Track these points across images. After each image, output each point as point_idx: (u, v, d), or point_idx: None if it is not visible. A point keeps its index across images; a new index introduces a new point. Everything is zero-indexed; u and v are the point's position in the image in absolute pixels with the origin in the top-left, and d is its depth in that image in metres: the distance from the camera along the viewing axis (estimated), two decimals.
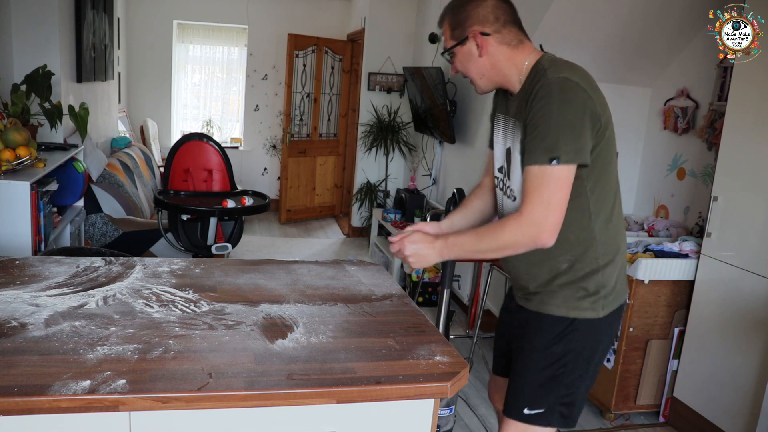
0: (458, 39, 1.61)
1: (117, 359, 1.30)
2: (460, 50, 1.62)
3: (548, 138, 1.44)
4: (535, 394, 1.66)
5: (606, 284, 1.60)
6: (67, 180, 3.50)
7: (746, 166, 2.67)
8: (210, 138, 4.15)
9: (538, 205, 1.45)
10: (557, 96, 1.45)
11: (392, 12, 5.92)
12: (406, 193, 5.26)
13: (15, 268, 1.81)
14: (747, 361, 2.63)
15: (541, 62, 1.56)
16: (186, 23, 6.94)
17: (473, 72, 1.64)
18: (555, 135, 1.44)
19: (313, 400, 1.26)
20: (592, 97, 1.49)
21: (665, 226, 3.40)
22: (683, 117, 3.49)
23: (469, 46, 1.60)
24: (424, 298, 4.55)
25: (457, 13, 1.60)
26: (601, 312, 1.61)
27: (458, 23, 1.60)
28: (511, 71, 1.60)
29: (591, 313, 1.60)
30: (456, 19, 1.61)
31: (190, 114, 7.33)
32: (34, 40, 3.68)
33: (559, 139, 1.44)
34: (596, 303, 1.60)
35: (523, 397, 1.67)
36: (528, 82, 1.56)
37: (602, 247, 1.59)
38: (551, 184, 1.45)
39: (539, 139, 1.46)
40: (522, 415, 1.68)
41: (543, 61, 1.57)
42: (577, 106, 1.46)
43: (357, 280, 1.93)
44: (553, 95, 1.45)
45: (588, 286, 1.59)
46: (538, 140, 1.46)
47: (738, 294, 2.68)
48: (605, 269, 1.60)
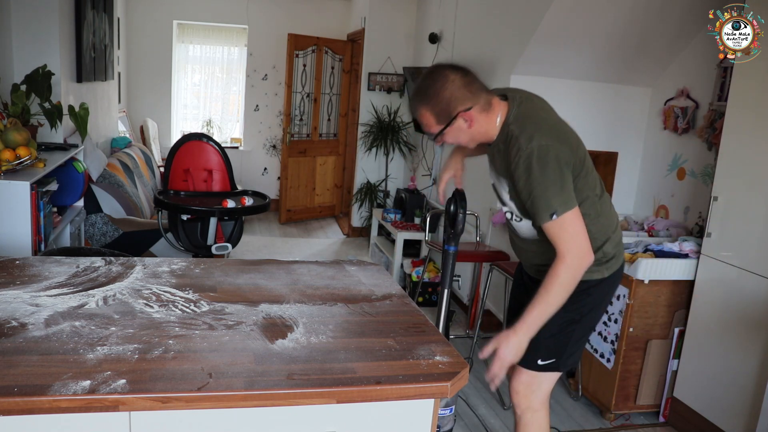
0: (446, 122, 1.81)
1: (117, 359, 1.30)
2: (450, 130, 1.83)
3: (542, 201, 1.75)
4: (550, 347, 1.99)
5: (606, 254, 1.96)
6: (67, 180, 3.50)
7: (746, 166, 2.67)
8: (210, 138, 4.15)
9: (566, 248, 1.77)
10: (536, 165, 1.73)
11: (392, 12, 5.92)
12: (406, 193, 5.26)
13: (15, 268, 1.81)
14: (747, 361, 2.63)
15: (510, 125, 1.82)
16: (186, 23, 6.94)
17: (464, 141, 1.88)
18: (546, 197, 1.74)
19: (313, 400, 1.26)
20: (561, 148, 1.76)
21: (665, 226, 3.40)
22: (683, 117, 3.49)
23: (458, 124, 1.82)
24: (424, 298, 4.55)
25: (435, 102, 1.79)
26: (606, 273, 1.97)
27: (441, 109, 1.79)
28: (491, 130, 1.86)
29: (597, 275, 1.95)
30: (438, 107, 1.79)
31: (190, 114, 7.33)
32: (34, 40, 3.68)
33: (550, 198, 1.74)
34: (601, 267, 1.95)
35: (538, 350, 1.97)
36: (502, 142, 1.85)
37: (598, 234, 1.92)
38: (564, 229, 1.77)
39: (537, 205, 1.77)
40: (536, 365, 2.01)
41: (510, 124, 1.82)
42: (554, 166, 1.74)
43: (357, 280, 1.93)
44: (533, 166, 1.73)
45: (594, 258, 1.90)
46: (537, 206, 1.77)
47: (738, 294, 2.68)
48: (604, 246, 1.95)
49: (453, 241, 2.18)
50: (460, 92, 1.78)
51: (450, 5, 5.02)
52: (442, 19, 5.22)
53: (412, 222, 5.09)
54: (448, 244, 2.19)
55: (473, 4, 4.63)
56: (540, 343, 1.93)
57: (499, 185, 1.98)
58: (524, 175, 1.76)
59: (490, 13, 4.33)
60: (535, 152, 1.73)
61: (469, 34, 4.69)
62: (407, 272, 4.77)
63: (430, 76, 1.80)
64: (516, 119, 1.82)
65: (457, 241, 2.19)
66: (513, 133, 1.79)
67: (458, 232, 2.16)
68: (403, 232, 4.86)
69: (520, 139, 1.76)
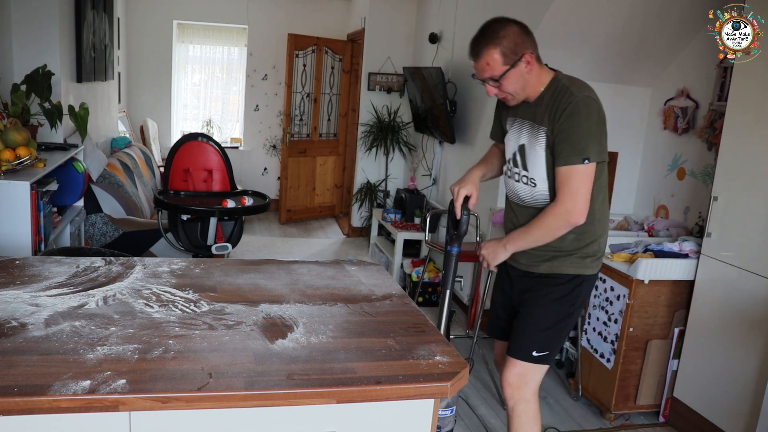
0: (512, 62, 1.90)
1: (117, 359, 1.30)
2: (513, 72, 1.92)
3: (579, 144, 1.86)
4: (545, 339, 2.07)
5: (599, 249, 2.07)
6: (67, 180, 3.50)
7: (746, 166, 2.67)
8: (210, 138, 4.14)
9: (567, 196, 1.89)
10: (584, 111, 1.86)
11: (392, 12, 5.92)
12: (406, 193, 5.26)
13: (15, 268, 1.81)
14: (747, 361, 2.63)
15: (561, 80, 1.95)
16: (186, 23, 6.94)
17: (519, 88, 1.95)
18: (585, 141, 1.86)
19: (313, 400, 1.26)
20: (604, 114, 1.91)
21: (665, 226, 3.40)
22: (683, 117, 3.49)
23: (521, 67, 1.91)
24: (424, 298, 4.55)
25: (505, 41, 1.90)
26: (595, 269, 2.08)
27: (509, 49, 1.90)
28: (539, 84, 1.97)
29: (590, 271, 2.06)
30: (506, 46, 1.90)
31: (190, 114, 7.33)
32: (34, 40, 3.68)
33: (588, 144, 1.86)
34: (593, 263, 2.06)
35: (534, 342, 2.06)
36: (548, 95, 1.94)
37: (599, 224, 2.04)
38: (578, 179, 1.88)
39: (572, 146, 1.86)
40: (531, 356, 2.08)
41: (561, 78, 1.96)
42: (598, 119, 1.88)
43: (357, 280, 1.93)
44: (581, 111, 1.86)
45: (589, 251, 2.04)
46: (571, 147, 1.86)
47: (738, 294, 2.68)
48: (600, 239, 2.06)
49: (456, 242, 2.17)
50: (524, 37, 1.92)
51: (450, 5, 5.02)
52: (442, 19, 5.22)
53: (412, 222, 5.09)
54: (450, 245, 2.18)
55: (473, 4, 4.63)
56: (535, 335, 2.06)
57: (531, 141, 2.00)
58: (570, 118, 1.86)
59: (490, 13, 4.30)
60: (584, 101, 1.87)
61: (469, 34, 4.65)
62: (407, 272, 4.77)
63: (495, 23, 1.94)
64: (567, 78, 1.96)
65: (460, 242, 2.19)
66: (564, 85, 1.92)
67: (462, 233, 2.15)
68: (403, 232, 4.86)
69: (571, 89, 1.89)
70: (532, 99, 1.99)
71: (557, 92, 1.92)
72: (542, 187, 2.00)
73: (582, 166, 1.87)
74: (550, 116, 1.92)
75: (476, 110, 4.49)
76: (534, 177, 2.02)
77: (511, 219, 2.18)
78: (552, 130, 1.92)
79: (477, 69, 1.97)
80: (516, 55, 1.90)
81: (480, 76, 1.98)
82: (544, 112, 1.94)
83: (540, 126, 1.96)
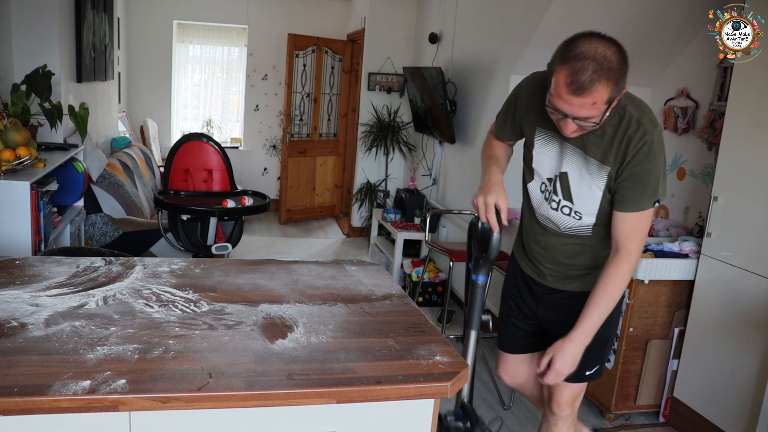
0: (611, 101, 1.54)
1: (117, 359, 1.30)
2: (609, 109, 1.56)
3: (652, 188, 1.66)
4: (594, 356, 1.88)
5: None
6: (67, 180, 3.50)
7: (746, 166, 2.67)
8: (210, 138, 4.14)
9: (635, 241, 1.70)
10: (658, 150, 1.64)
11: (392, 12, 5.92)
12: (406, 193, 5.26)
13: (15, 268, 1.81)
14: (747, 361, 2.63)
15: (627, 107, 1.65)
16: (186, 23, 6.94)
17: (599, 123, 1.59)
18: (656, 183, 1.66)
19: (313, 400, 1.26)
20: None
21: (665, 226, 3.40)
22: (683, 117, 3.49)
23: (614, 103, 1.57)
24: (424, 298, 4.55)
25: (618, 73, 1.51)
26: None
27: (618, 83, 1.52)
28: None
29: None
30: (618, 79, 1.52)
31: (190, 114, 7.33)
32: (34, 40, 3.68)
33: (659, 185, 1.67)
34: None
35: (584, 362, 1.82)
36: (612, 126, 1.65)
37: None
38: (646, 223, 1.71)
39: (646, 190, 1.66)
40: (584, 377, 1.93)
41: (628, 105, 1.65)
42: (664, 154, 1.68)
43: (357, 280, 1.93)
44: (656, 150, 1.63)
45: None
46: (645, 191, 1.66)
47: (738, 294, 2.68)
48: None
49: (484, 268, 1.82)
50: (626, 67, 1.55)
51: (450, 5, 5.02)
52: (442, 19, 5.22)
53: (412, 222, 5.08)
54: (476, 273, 1.83)
55: (473, 4, 4.63)
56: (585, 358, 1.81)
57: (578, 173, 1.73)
58: (644, 160, 1.62)
59: (490, 13, 4.33)
60: (659, 138, 1.64)
61: (469, 34, 4.69)
62: (407, 272, 4.77)
63: (617, 47, 1.53)
64: (633, 104, 1.66)
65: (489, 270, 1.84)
66: (632, 115, 1.64)
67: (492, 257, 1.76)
68: (403, 232, 4.86)
69: (643, 122, 1.63)
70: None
71: (627, 125, 1.64)
72: (588, 221, 1.79)
73: (651, 210, 1.68)
74: (618, 155, 1.65)
75: (476, 110, 4.49)
76: (580, 211, 1.78)
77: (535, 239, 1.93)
78: (618, 170, 1.67)
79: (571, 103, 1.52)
80: (619, 90, 1.54)
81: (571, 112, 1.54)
82: (609, 148, 1.66)
83: (602, 164, 1.69)
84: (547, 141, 1.78)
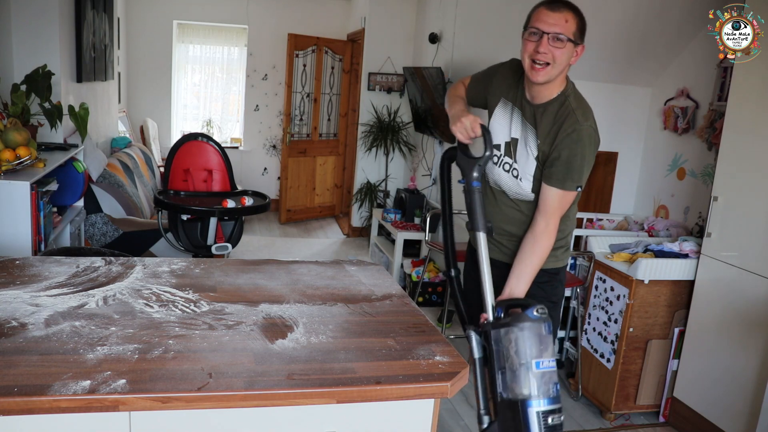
0: (576, 40, 1.87)
1: (117, 359, 1.30)
2: (570, 47, 1.87)
3: (576, 172, 1.88)
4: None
5: (568, 245, 2.15)
6: (67, 180, 3.50)
7: (746, 166, 2.67)
8: (210, 138, 4.14)
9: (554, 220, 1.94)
10: (586, 141, 1.87)
11: (392, 12, 5.92)
12: (406, 193, 5.26)
13: (15, 268, 1.81)
14: (747, 361, 2.63)
15: (569, 97, 1.93)
16: (186, 23, 6.94)
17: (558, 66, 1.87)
18: (580, 170, 1.89)
19: (313, 400, 1.26)
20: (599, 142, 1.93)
21: (665, 226, 3.40)
22: (683, 117, 3.49)
23: (575, 50, 1.89)
24: (424, 298, 4.55)
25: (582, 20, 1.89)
26: (566, 261, 2.15)
27: (581, 29, 1.89)
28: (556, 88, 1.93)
29: (561, 263, 2.13)
30: (582, 26, 1.89)
31: (190, 114, 7.33)
32: (34, 40, 3.68)
33: (582, 173, 1.90)
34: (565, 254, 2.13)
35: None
36: (553, 108, 1.92)
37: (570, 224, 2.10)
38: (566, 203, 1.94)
39: (570, 172, 1.88)
40: None
41: (570, 96, 1.93)
42: (594, 150, 1.91)
43: (357, 280, 1.93)
44: (584, 140, 1.87)
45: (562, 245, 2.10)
46: (569, 173, 1.88)
47: (738, 294, 2.68)
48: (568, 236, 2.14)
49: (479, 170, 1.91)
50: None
51: (450, 5, 5.02)
52: (442, 19, 5.22)
53: (412, 222, 5.09)
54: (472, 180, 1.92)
55: (473, 4, 4.63)
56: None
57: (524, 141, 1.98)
58: (571, 145, 1.87)
59: (490, 13, 4.33)
60: (588, 131, 1.88)
61: (469, 34, 4.69)
62: (407, 272, 4.77)
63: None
64: (574, 94, 1.95)
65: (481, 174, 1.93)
66: (571, 105, 1.91)
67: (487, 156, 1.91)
68: (403, 232, 4.86)
69: (576, 113, 1.89)
70: (540, 99, 1.94)
71: (564, 111, 1.90)
72: (526, 186, 1.99)
73: (574, 192, 1.92)
74: (552, 135, 1.91)
75: (476, 110, 4.48)
76: (518, 170, 2.00)
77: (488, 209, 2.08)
78: (549, 149, 1.92)
79: (548, 20, 1.83)
80: (581, 39, 1.89)
81: (547, 28, 1.83)
82: (548, 128, 1.92)
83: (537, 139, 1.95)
84: (506, 112, 2.05)
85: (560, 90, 1.93)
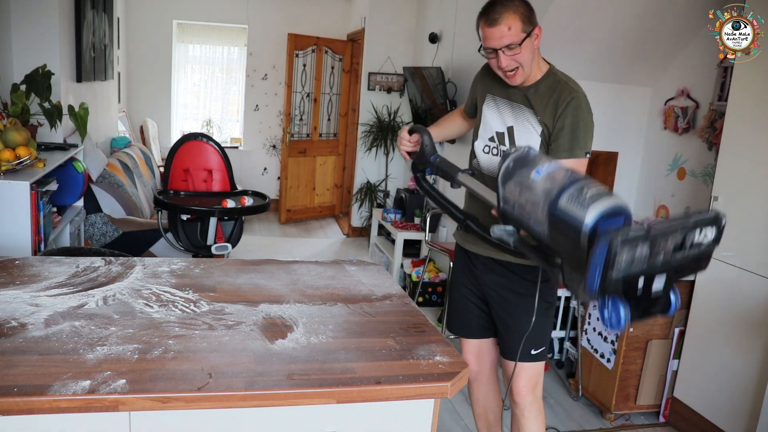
0: (527, 31, 1.86)
1: (117, 359, 1.30)
2: (528, 40, 1.87)
3: (582, 139, 1.91)
4: (538, 335, 2.05)
5: None
6: (67, 180, 3.50)
7: (746, 166, 2.67)
8: (210, 138, 4.14)
9: None
10: (585, 107, 1.91)
11: (392, 12, 5.92)
12: (406, 193, 5.26)
13: (15, 268, 1.81)
14: (747, 361, 2.63)
15: (557, 73, 1.97)
16: (186, 23, 6.94)
17: (528, 61, 1.90)
18: (585, 136, 1.92)
19: (313, 400, 1.26)
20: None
21: None
22: (683, 117, 3.49)
23: (533, 38, 1.88)
24: (424, 298, 4.55)
25: (521, 8, 1.85)
26: None
27: (527, 15, 1.86)
28: (539, 70, 1.96)
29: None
30: (525, 12, 1.86)
31: (190, 114, 7.33)
32: (34, 40, 3.68)
33: (588, 138, 1.92)
34: None
35: (529, 341, 2.03)
36: (546, 85, 1.95)
37: None
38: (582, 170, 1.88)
39: (577, 140, 1.90)
40: (531, 356, 2.07)
41: (557, 72, 1.98)
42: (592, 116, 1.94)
43: (357, 280, 1.93)
44: (582, 107, 1.90)
45: None
46: (576, 140, 1.90)
47: (738, 294, 2.68)
48: None
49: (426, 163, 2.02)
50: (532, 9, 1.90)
51: (450, 5, 5.02)
52: (442, 19, 5.22)
53: (412, 222, 5.08)
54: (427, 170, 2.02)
55: (473, 4, 4.61)
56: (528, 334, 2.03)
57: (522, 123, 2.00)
58: (573, 112, 1.90)
59: None
60: (584, 98, 1.92)
61: (469, 34, 4.68)
62: (407, 272, 4.77)
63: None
64: (561, 72, 1.99)
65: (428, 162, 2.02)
66: (561, 79, 1.95)
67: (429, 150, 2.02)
68: (403, 232, 4.86)
69: (570, 84, 1.93)
70: (528, 83, 1.96)
71: (556, 84, 1.94)
72: None
73: (584, 159, 1.92)
74: (551, 105, 1.93)
75: None
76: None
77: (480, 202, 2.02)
78: (552, 120, 1.93)
79: (493, 36, 1.86)
80: (531, 24, 1.88)
81: (496, 44, 1.86)
82: (544, 102, 1.94)
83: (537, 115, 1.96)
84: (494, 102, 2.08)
85: (545, 69, 1.98)
